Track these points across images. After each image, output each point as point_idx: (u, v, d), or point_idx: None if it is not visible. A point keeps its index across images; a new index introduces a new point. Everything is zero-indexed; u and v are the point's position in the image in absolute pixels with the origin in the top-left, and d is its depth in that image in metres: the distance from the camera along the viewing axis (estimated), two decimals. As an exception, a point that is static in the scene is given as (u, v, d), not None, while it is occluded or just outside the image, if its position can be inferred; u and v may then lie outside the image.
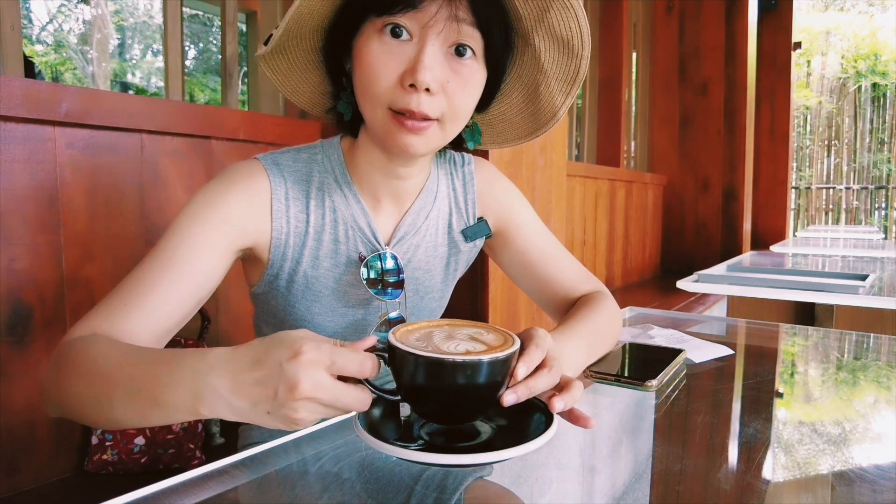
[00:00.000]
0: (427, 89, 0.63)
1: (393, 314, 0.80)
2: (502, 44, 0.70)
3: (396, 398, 0.51)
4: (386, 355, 0.50)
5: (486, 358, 0.47)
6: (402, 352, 0.47)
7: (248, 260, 0.78)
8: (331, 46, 0.73)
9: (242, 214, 0.70)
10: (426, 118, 0.65)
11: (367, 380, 0.49)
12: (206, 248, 0.67)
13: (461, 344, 0.49)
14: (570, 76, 0.73)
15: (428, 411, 0.52)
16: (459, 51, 0.65)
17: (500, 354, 0.47)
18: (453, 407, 0.50)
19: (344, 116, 0.75)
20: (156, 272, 0.64)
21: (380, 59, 0.64)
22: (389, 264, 0.78)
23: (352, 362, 0.46)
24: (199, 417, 0.50)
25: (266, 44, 0.71)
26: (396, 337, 0.49)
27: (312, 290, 0.77)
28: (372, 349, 0.50)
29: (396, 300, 0.79)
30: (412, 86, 0.63)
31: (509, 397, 0.49)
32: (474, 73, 0.67)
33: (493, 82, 0.73)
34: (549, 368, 0.52)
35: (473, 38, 0.65)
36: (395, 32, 0.64)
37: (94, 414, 0.57)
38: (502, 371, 0.49)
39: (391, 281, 0.78)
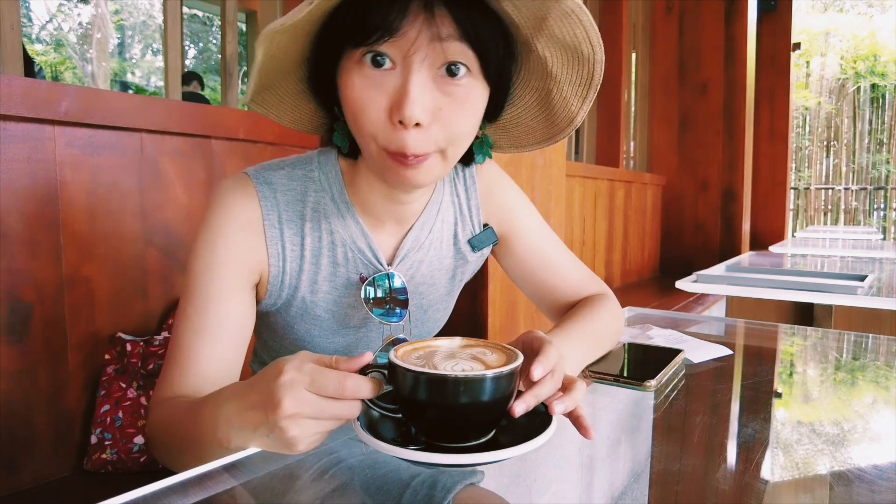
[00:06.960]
0: (417, 124, 0.58)
1: (400, 335, 0.77)
2: (501, 54, 0.63)
3: (397, 416, 0.50)
4: (385, 372, 0.49)
5: (489, 373, 0.46)
6: (402, 369, 0.46)
7: None
8: (316, 78, 0.68)
9: (244, 251, 0.70)
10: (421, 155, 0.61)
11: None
12: (230, 299, 0.69)
13: (461, 363, 0.49)
14: (584, 81, 0.67)
15: (430, 429, 0.50)
16: (451, 70, 0.59)
17: (504, 369, 0.46)
18: (456, 425, 0.49)
19: (342, 149, 0.71)
20: (194, 337, 0.67)
21: (363, 93, 0.59)
22: (398, 283, 0.75)
23: (330, 381, 0.46)
24: (231, 451, 0.54)
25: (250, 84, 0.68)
26: (398, 355, 0.49)
27: (310, 314, 0.76)
28: (368, 367, 0.49)
29: (400, 322, 0.77)
30: (401, 122, 0.58)
31: (519, 407, 0.49)
32: (471, 92, 0.61)
33: (500, 92, 0.68)
34: (552, 373, 0.52)
35: (464, 55, 0.59)
36: (377, 62, 0.58)
37: (180, 464, 0.62)
38: (506, 388, 0.47)
39: (400, 299, 0.75)
